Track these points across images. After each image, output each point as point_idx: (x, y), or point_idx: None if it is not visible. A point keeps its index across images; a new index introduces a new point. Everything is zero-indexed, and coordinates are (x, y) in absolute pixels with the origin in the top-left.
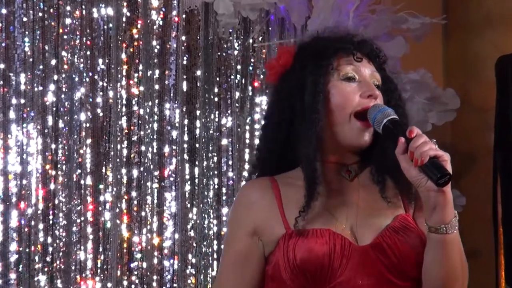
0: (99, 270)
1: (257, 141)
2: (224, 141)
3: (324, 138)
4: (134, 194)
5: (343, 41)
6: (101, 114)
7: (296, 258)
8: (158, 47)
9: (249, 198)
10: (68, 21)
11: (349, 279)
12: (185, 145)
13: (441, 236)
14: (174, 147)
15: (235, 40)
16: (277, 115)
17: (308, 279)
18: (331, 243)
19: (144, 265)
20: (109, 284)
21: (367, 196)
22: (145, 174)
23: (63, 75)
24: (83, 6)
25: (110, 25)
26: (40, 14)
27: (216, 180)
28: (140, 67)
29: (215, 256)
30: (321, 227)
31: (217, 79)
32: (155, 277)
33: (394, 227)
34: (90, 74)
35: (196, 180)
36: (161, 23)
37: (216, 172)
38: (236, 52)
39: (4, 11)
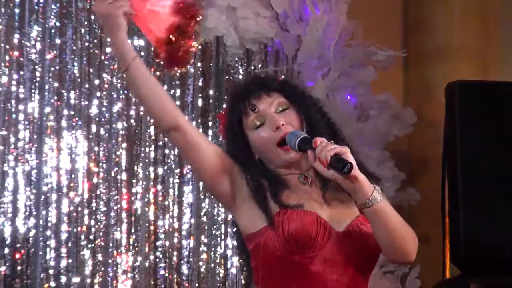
0: (131, 247)
1: None
2: None
3: (267, 162)
4: (159, 187)
5: (240, 101)
6: (134, 124)
7: (290, 228)
8: (179, 71)
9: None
10: (108, 49)
11: (327, 252)
12: None
13: (370, 208)
14: None
15: (240, 67)
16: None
17: (297, 246)
18: (318, 222)
19: (167, 243)
20: (138, 258)
21: (334, 197)
22: (168, 171)
23: (104, 92)
24: None
25: (142, 53)
26: (86, 44)
27: None
28: (165, 87)
29: (222, 237)
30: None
31: (225, 97)
32: (175, 253)
33: (359, 221)
34: (126, 92)
35: None
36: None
37: None
38: (240, 76)
39: (58, 41)
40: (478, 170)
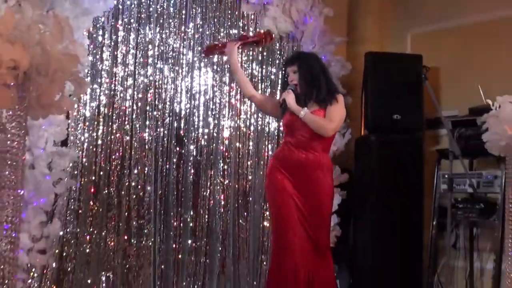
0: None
1: None
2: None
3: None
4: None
5: (285, 67)
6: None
7: (283, 120)
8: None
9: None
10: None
11: (297, 129)
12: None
13: (301, 117)
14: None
15: (277, 43)
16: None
17: (287, 127)
18: (291, 116)
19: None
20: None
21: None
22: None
23: None
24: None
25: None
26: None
27: None
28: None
29: None
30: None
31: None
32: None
33: (314, 112)
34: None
35: None
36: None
37: None
38: (277, 46)
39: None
40: (378, 91)
